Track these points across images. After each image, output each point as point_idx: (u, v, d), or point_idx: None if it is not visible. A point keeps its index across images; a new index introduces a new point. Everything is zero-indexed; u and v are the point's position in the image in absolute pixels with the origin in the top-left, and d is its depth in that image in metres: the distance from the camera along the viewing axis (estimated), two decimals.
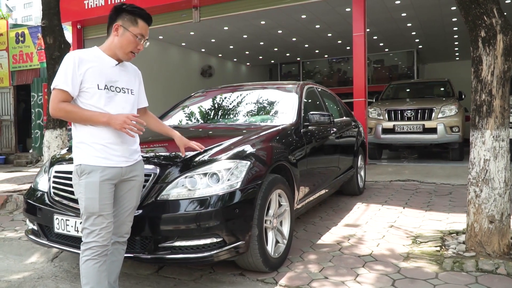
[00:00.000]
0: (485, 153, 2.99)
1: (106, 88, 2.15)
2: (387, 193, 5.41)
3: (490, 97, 2.98)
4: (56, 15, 6.04)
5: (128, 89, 2.27)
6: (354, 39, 7.77)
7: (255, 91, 4.42)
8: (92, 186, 2.09)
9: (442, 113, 8.02)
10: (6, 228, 4.38)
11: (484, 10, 2.96)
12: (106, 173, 2.11)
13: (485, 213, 2.99)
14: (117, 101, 2.19)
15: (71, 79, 2.07)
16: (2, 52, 12.11)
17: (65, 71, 2.09)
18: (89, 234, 2.11)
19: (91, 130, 2.12)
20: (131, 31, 2.18)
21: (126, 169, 2.21)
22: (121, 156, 2.17)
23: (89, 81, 2.11)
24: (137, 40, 2.19)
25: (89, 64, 2.12)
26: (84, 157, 2.11)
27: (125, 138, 2.20)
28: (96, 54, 2.19)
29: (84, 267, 2.12)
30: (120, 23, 2.19)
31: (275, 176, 2.93)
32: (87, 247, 2.11)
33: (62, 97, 2.09)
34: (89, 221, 2.10)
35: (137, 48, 2.22)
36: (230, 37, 13.08)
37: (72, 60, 2.10)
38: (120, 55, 2.21)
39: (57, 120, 5.99)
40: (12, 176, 8.23)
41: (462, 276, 2.71)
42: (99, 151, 2.11)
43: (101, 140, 2.12)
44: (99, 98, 2.13)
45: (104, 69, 2.17)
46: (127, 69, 2.31)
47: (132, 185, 2.27)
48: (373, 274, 2.78)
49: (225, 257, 2.50)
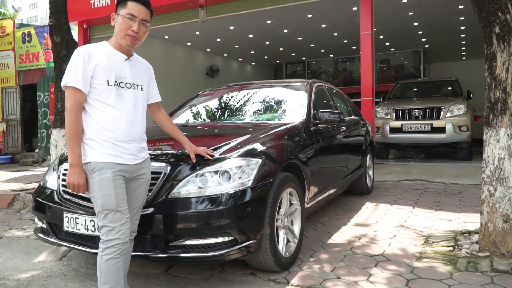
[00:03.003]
0: (499, 151, 2.94)
1: (116, 85, 2.12)
2: (396, 193, 5.36)
3: (505, 94, 2.92)
4: (64, 14, 6.05)
5: (138, 85, 2.24)
6: (361, 37, 7.71)
7: (264, 89, 4.38)
8: (106, 182, 2.06)
9: (451, 112, 7.94)
10: (13, 226, 4.38)
11: (499, 6, 2.91)
12: (116, 169, 2.09)
13: (500, 213, 2.94)
14: (126, 98, 2.16)
15: (82, 75, 2.04)
16: (9, 52, 12.14)
17: (75, 67, 2.05)
18: (110, 231, 2.07)
19: (101, 127, 2.09)
20: (121, 13, 2.15)
21: (135, 167, 2.18)
22: (129, 154, 2.15)
23: (99, 77, 2.07)
24: (127, 21, 2.13)
25: (99, 59, 2.09)
26: (94, 154, 2.08)
27: (134, 136, 2.18)
28: (105, 49, 2.16)
29: (104, 266, 2.07)
30: (115, 11, 2.19)
31: (286, 175, 2.89)
32: (109, 245, 2.07)
33: (78, 97, 2.06)
34: (108, 218, 2.07)
35: (131, 29, 2.14)
36: (236, 37, 13.05)
37: (81, 55, 2.06)
38: (120, 41, 2.17)
39: (64, 119, 5.98)
40: (18, 175, 8.25)
41: (477, 276, 2.66)
42: (108, 148, 2.09)
43: (110, 138, 2.10)
44: (109, 95, 2.10)
45: (114, 64, 2.13)
46: (137, 64, 2.28)
47: (139, 183, 2.25)
48: (386, 274, 2.74)
49: (236, 256, 2.47)
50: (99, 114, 2.10)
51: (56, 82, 6.05)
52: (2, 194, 5.43)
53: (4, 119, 12.24)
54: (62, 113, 5.95)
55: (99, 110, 2.10)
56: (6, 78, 12.25)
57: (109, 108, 2.10)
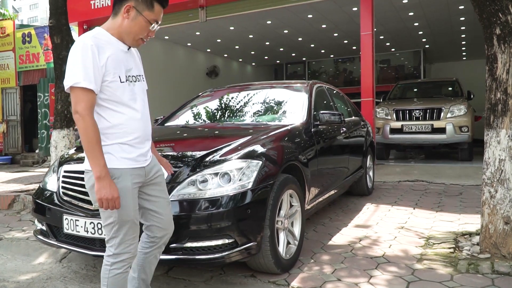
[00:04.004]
0: (500, 152, 2.93)
1: (127, 80, 1.89)
2: (396, 194, 5.35)
3: (506, 95, 2.92)
4: (64, 15, 6.03)
5: (140, 76, 2.01)
6: (361, 38, 7.71)
7: (264, 90, 4.38)
8: (125, 191, 1.87)
9: (451, 113, 7.93)
10: (13, 228, 4.37)
11: (499, 7, 2.90)
12: (134, 176, 1.91)
13: (500, 214, 2.93)
14: (137, 93, 1.94)
15: (93, 73, 1.76)
16: (9, 53, 12.14)
17: (83, 63, 1.75)
18: (120, 244, 1.89)
19: (118, 129, 1.87)
20: (145, 16, 1.88)
21: (147, 168, 2.01)
22: (143, 155, 1.97)
23: (111, 74, 1.82)
24: (149, 25, 1.90)
25: (108, 52, 1.82)
26: (111, 160, 1.85)
27: (149, 134, 2.02)
28: (107, 39, 1.87)
29: (112, 280, 1.90)
30: (133, 4, 1.86)
31: (287, 176, 2.88)
32: (118, 260, 1.90)
33: (90, 98, 1.77)
34: (123, 230, 1.89)
35: (149, 34, 1.94)
36: (236, 37, 13.05)
37: (89, 49, 1.76)
38: (128, 41, 1.92)
39: (64, 120, 5.97)
40: (19, 176, 8.24)
41: (478, 278, 2.66)
42: (126, 151, 1.89)
43: (129, 140, 1.89)
44: (123, 93, 1.87)
45: (120, 56, 1.88)
46: (132, 53, 2.01)
47: (161, 187, 2.12)
48: (387, 275, 2.73)
49: (236, 258, 2.46)
50: (114, 115, 1.86)
51: (56, 83, 6.04)
52: (2, 195, 5.42)
53: (4, 120, 12.24)
54: (62, 114, 5.94)
55: (114, 111, 1.86)
56: (6, 79, 12.25)
57: (124, 108, 1.88)
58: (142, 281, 2.19)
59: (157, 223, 2.10)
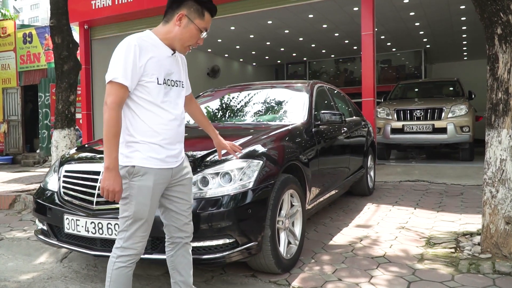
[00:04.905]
0: (501, 152, 2.93)
1: (164, 83, 1.96)
2: (397, 194, 5.35)
3: (507, 95, 2.91)
4: (65, 15, 6.03)
5: (180, 82, 2.08)
6: (362, 38, 7.70)
7: (265, 90, 4.38)
8: (146, 190, 1.92)
9: (452, 113, 7.92)
10: (14, 228, 4.37)
11: (501, 7, 2.90)
12: (159, 177, 1.95)
13: (502, 214, 2.92)
14: (171, 96, 2.00)
15: (131, 72, 1.85)
16: (10, 53, 12.14)
17: (124, 61, 1.85)
18: (129, 238, 1.95)
19: (150, 129, 1.93)
20: (197, 24, 1.98)
21: (175, 170, 2.04)
22: (173, 157, 2.01)
23: (149, 74, 1.90)
24: (199, 33, 2.00)
25: (150, 54, 1.91)
26: (139, 158, 1.91)
27: (181, 137, 2.07)
28: (154, 42, 1.96)
29: (116, 273, 1.96)
30: (185, 13, 1.96)
31: (288, 176, 2.88)
32: (124, 253, 1.96)
33: (121, 94, 1.86)
34: (134, 226, 1.94)
35: (197, 42, 2.03)
36: (237, 37, 13.05)
37: (132, 49, 1.86)
38: (178, 47, 2.01)
39: (65, 120, 5.97)
40: (19, 176, 8.25)
41: (479, 278, 2.65)
42: (155, 151, 1.93)
43: (159, 140, 1.94)
44: (158, 94, 1.93)
45: (162, 59, 1.96)
46: (176, 58, 2.09)
47: (186, 188, 2.14)
48: (387, 276, 2.73)
49: (237, 258, 2.46)
50: (147, 114, 1.93)
51: (57, 83, 6.03)
52: (3, 195, 5.43)
53: (5, 120, 12.25)
54: (63, 114, 5.93)
55: (147, 110, 1.93)
56: (7, 79, 12.26)
57: (158, 109, 1.94)
58: (182, 283, 2.21)
59: (174, 223, 2.13)
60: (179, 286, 2.21)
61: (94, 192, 2.55)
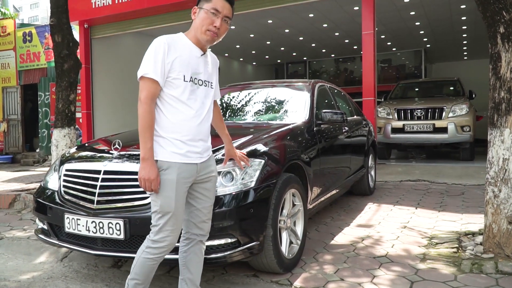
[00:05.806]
0: (504, 152, 2.91)
1: (191, 81, 2.04)
2: (398, 193, 5.34)
3: (510, 94, 2.90)
4: (65, 13, 6.02)
5: (209, 82, 2.16)
6: (363, 37, 7.68)
7: (266, 89, 4.36)
8: (170, 184, 1.99)
9: (453, 113, 7.91)
10: (14, 227, 4.36)
11: (503, 5, 2.88)
12: (182, 171, 2.01)
13: (504, 214, 2.91)
14: (198, 95, 2.08)
15: (160, 67, 1.96)
16: (10, 52, 12.12)
17: (154, 58, 1.97)
18: (159, 232, 2.01)
19: (172, 124, 2.01)
20: (204, 7, 2.06)
21: (201, 166, 2.10)
22: (197, 153, 2.07)
23: (176, 71, 2.00)
24: (211, 15, 2.04)
25: (178, 52, 2.01)
26: (162, 152, 2.00)
27: (203, 135, 2.12)
28: (184, 42, 2.08)
29: (141, 261, 2.05)
30: (197, 5, 2.11)
31: (289, 175, 2.87)
32: (154, 246, 2.02)
33: (153, 89, 1.97)
34: (163, 220, 2.01)
35: (214, 25, 2.05)
36: (237, 36, 13.03)
37: (162, 46, 1.98)
38: (199, 36, 2.08)
39: (65, 119, 5.96)
40: (19, 175, 8.23)
41: (482, 278, 2.64)
42: (177, 146, 2.01)
43: (181, 136, 2.02)
44: (184, 91, 2.02)
45: (191, 59, 2.06)
46: (208, 59, 2.18)
47: (210, 185, 2.18)
48: (390, 275, 2.71)
49: (239, 258, 2.45)
50: (171, 110, 2.02)
51: (57, 82, 6.01)
52: (3, 194, 5.41)
53: (5, 119, 12.23)
54: (63, 113, 5.91)
55: (171, 106, 2.02)
56: (7, 78, 12.23)
57: (182, 105, 2.02)
58: (189, 281, 2.23)
59: (193, 219, 2.17)
60: (186, 283, 2.23)
61: (95, 191, 2.54)
